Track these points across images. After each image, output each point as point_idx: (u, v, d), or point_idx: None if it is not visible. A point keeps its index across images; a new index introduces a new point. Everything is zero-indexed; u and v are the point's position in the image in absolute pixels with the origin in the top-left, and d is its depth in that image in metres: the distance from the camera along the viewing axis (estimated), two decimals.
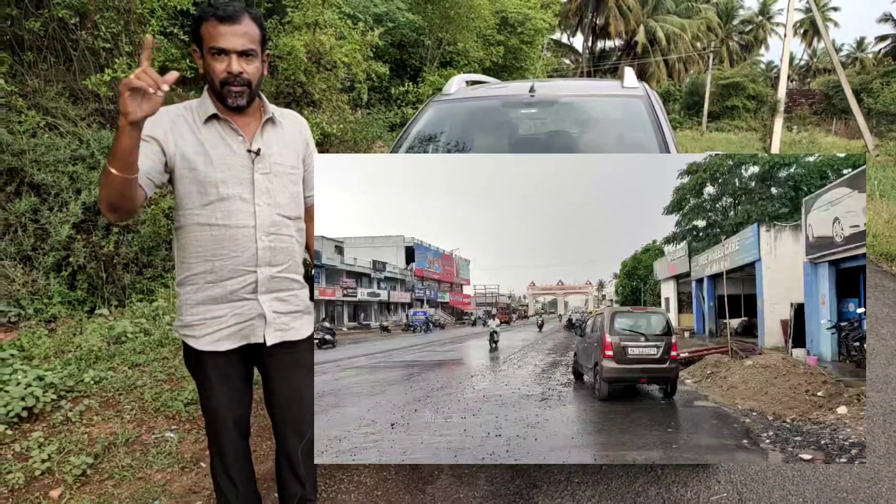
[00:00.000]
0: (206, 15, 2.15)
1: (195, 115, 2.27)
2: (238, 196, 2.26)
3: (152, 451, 3.68)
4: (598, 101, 4.71)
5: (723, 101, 44.44)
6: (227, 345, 2.35)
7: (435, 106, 4.75)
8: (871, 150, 23.40)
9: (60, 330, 5.52)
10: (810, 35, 58.83)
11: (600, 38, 54.75)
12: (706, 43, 52.87)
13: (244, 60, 2.18)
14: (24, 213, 6.07)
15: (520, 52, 18.79)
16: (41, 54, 7.66)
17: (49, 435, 3.77)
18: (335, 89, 11.21)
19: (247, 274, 2.30)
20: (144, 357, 5.04)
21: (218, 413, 2.48)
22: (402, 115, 14.18)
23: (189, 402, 4.25)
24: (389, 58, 14.41)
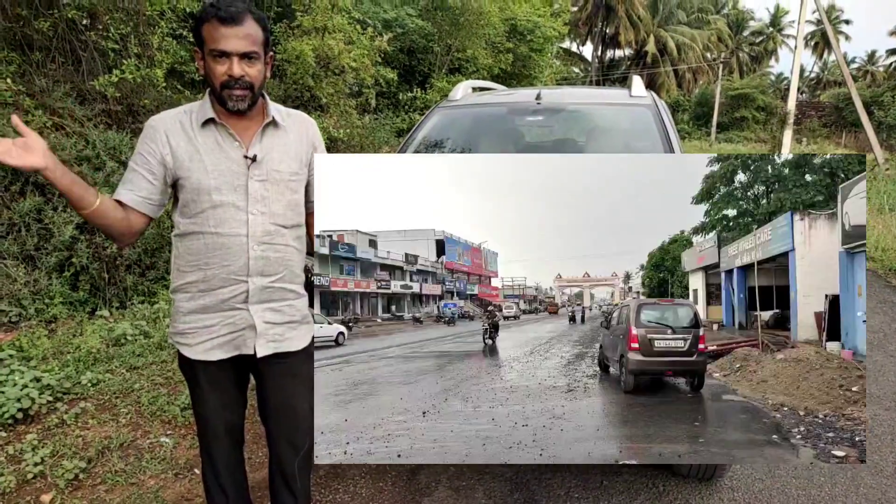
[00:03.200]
0: (207, 15, 2.08)
1: (193, 120, 2.22)
2: (231, 204, 2.20)
3: (146, 455, 3.64)
4: (606, 109, 4.66)
5: (732, 112, 44.28)
6: (218, 354, 2.30)
7: (441, 112, 4.72)
8: (881, 163, 23.23)
9: (60, 331, 5.50)
10: (821, 47, 58.62)
11: (610, 48, 54.76)
12: (716, 53, 52.76)
13: (246, 63, 2.11)
14: (28, 212, 6.07)
15: (529, 59, 18.75)
16: (49, 55, 7.68)
17: (43, 438, 3.74)
18: (343, 94, 11.21)
19: (238, 283, 2.24)
20: (143, 360, 5.01)
21: (209, 420, 2.43)
22: (409, 121, 14.17)
23: (185, 406, 4.21)
24: (398, 63, 14.40)
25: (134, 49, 7.59)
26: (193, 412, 2.50)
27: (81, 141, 6.87)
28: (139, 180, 2.21)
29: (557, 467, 3.68)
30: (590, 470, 3.70)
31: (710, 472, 3.43)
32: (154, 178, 2.21)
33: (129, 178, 2.23)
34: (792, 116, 29.43)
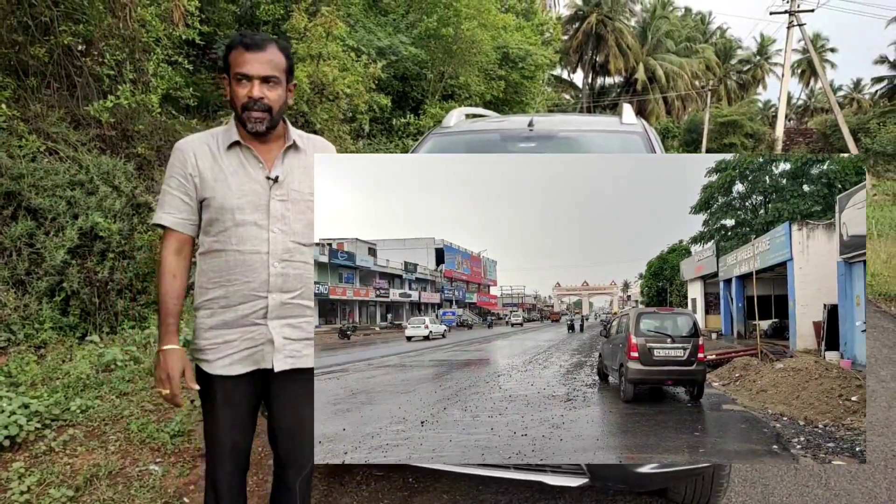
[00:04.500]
0: (234, 43, 2.25)
1: (219, 143, 2.34)
2: (253, 222, 2.30)
3: (135, 484, 3.58)
4: (597, 136, 4.72)
5: (721, 139, 44.85)
6: (238, 369, 2.35)
7: (434, 138, 4.77)
8: (869, 189, 23.52)
9: (50, 356, 5.44)
10: (808, 75, 59.65)
11: (600, 75, 55.58)
12: (705, 81, 53.59)
13: (266, 87, 2.24)
14: (20, 236, 6.04)
15: (520, 86, 18.99)
16: (45, 80, 7.72)
17: (30, 465, 3.68)
18: (337, 119, 11.30)
19: (258, 299, 2.32)
20: (133, 386, 4.96)
21: (218, 439, 2.44)
22: (403, 146, 14.27)
23: (176, 433, 4.16)
24: (392, 90, 14.54)
25: (129, 75, 7.65)
26: (204, 432, 2.52)
27: (75, 166, 6.87)
28: (177, 202, 2.32)
29: (552, 494, 3.66)
30: (583, 498, 3.67)
31: (705, 498, 3.41)
32: (189, 199, 2.32)
33: (166, 201, 2.34)
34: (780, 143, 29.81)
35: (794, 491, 3.85)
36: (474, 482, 3.83)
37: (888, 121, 33.65)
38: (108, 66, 7.57)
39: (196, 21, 8.64)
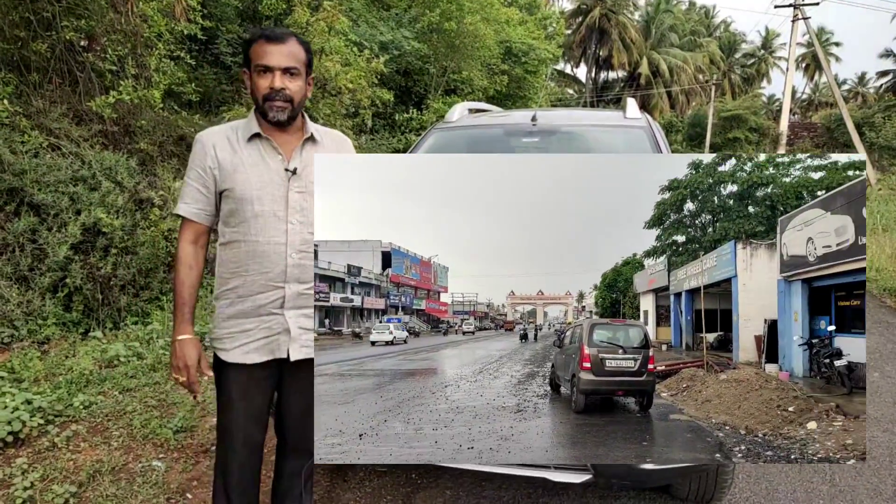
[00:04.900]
0: (255, 37, 2.32)
1: (239, 135, 2.38)
2: (272, 213, 2.34)
3: (138, 480, 3.59)
4: (600, 131, 4.69)
5: (725, 133, 44.65)
6: (254, 357, 2.39)
7: (437, 133, 4.74)
8: (874, 184, 23.43)
9: (53, 352, 5.45)
10: (812, 69, 59.41)
11: (604, 69, 55.36)
12: (709, 75, 53.37)
13: (287, 78, 2.29)
14: (23, 232, 6.05)
15: (524, 81, 18.92)
16: (47, 76, 7.71)
17: (34, 461, 3.68)
18: (339, 115, 11.26)
19: (275, 289, 2.36)
20: (136, 381, 4.96)
21: (231, 430, 2.47)
22: (405, 142, 14.23)
23: (179, 429, 4.16)
24: (394, 84, 14.49)
25: (131, 70, 7.63)
26: (217, 423, 2.54)
27: (77, 161, 6.87)
28: (195, 193, 2.38)
29: (555, 490, 3.65)
30: (587, 494, 3.66)
31: (709, 494, 3.40)
32: (208, 190, 2.37)
33: (185, 192, 2.39)
34: (784, 137, 29.70)
35: (799, 487, 3.84)
36: (477, 478, 3.82)
37: (893, 115, 33.49)
38: (111, 61, 7.56)
39: (198, 16, 8.62)
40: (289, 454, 2.65)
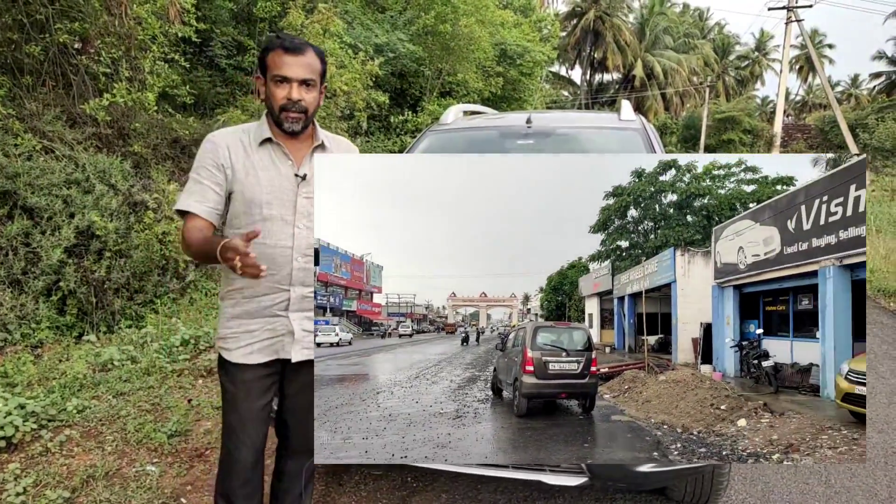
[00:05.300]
0: (273, 45, 2.32)
1: (251, 138, 2.41)
2: (280, 217, 2.37)
3: (132, 485, 3.56)
4: (595, 133, 4.70)
5: (719, 135, 44.79)
6: (257, 358, 2.42)
7: (432, 135, 4.74)
8: (867, 185, 23.53)
9: (46, 356, 5.42)
10: (806, 71, 59.63)
11: (598, 72, 55.46)
12: (703, 77, 53.54)
13: (304, 89, 2.32)
14: (16, 236, 6.02)
15: (519, 83, 18.93)
16: (40, 78, 7.68)
17: (27, 466, 3.66)
18: (335, 117, 11.24)
19: (280, 292, 2.40)
20: (130, 385, 4.93)
21: (235, 429, 2.49)
22: (401, 144, 14.23)
23: (173, 433, 4.14)
24: (389, 87, 14.48)
25: (125, 73, 7.61)
26: (222, 422, 2.55)
27: (71, 164, 6.85)
28: (208, 192, 2.36)
29: (551, 493, 3.64)
30: (582, 497, 3.66)
31: (705, 496, 3.40)
32: (220, 189, 2.38)
33: (195, 190, 2.36)
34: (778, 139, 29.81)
35: (795, 489, 3.85)
36: (473, 481, 3.81)
37: (886, 116, 33.64)
38: (104, 63, 7.54)
39: (192, 18, 8.61)
40: (289, 455, 2.69)
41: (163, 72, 8.13)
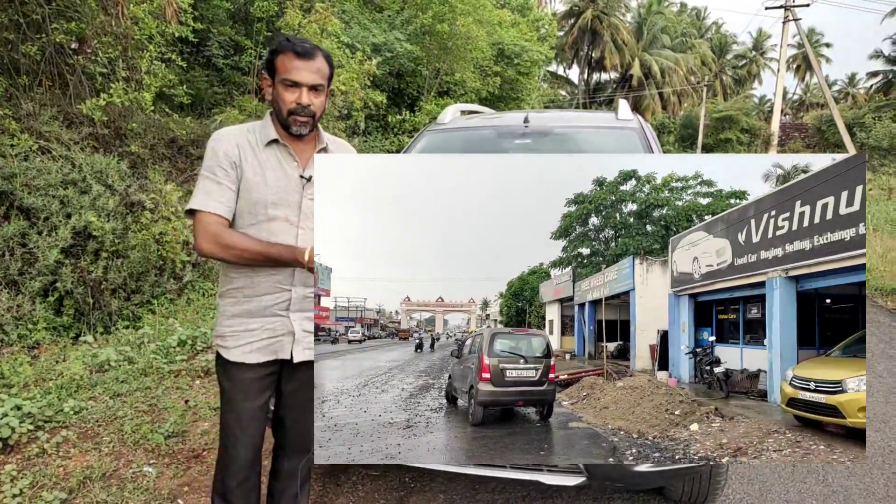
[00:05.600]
0: (283, 48, 2.31)
1: (258, 138, 2.41)
2: (285, 218, 2.37)
3: (129, 486, 3.55)
4: (593, 132, 4.70)
5: (717, 134, 44.85)
6: (256, 357, 2.43)
7: (429, 135, 4.74)
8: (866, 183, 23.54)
9: (43, 357, 5.40)
10: (803, 70, 59.71)
11: (596, 71, 55.50)
12: (700, 77, 53.61)
13: (313, 94, 2.33)
14: (13, 236, 6.00)
15: (516, 83, 18.93)
16: (37, 78, 7.67)
17: (23, 468, 3.65)
18: (332, 117, 11.24)
19: (282, 291, 2.40)
20: (127, 386, 4.92)
21: (233, 428, 2.49)
22: (398, 143, 14.22)
23: (170, 434, 4.13)
24: (387, 86, 14.47)
25: (122, 73, 7.59)
26: (220, 421, 2.55)
27: (68, 164, 6.83)
28: (226, 192, 2.35)
29: (549, 493, 3.63)
30: (580, 497, 3.66)
31: (703, 496, 3.40)
32: (234, 187, 2.37)
33: (212, 189, 2.34)
34: (776, 138, 29.85)
35: (792, 488, 3.85)
36: (470, 481, 3.81)
37: (883, 115, 33.71)
38: (101, 63, 7.52)
39: (189, 18, 8.59)
40: (286, 453, 2.69)
41: (160, 72, 8.10)
